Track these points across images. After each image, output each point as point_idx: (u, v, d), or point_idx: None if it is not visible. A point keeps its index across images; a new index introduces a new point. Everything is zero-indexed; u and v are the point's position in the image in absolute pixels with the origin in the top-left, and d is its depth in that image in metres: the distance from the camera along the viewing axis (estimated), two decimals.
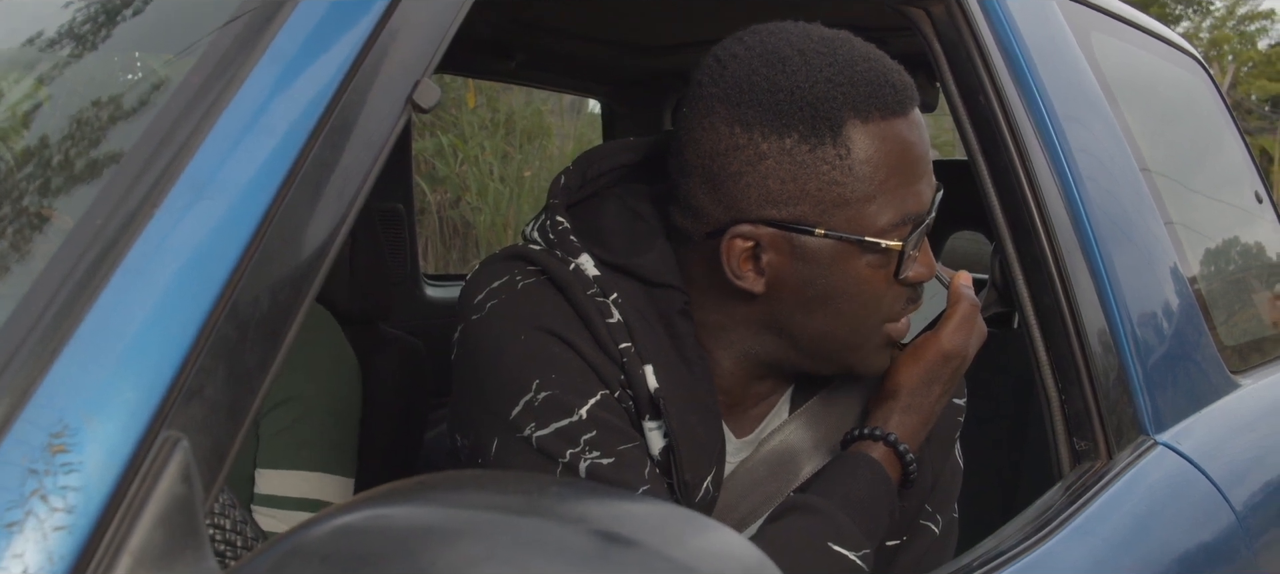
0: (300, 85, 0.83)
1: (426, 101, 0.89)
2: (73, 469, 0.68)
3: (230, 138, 0.80)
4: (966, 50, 1.50)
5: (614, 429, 1.13)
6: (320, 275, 0.81)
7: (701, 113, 1.13)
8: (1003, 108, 1.50)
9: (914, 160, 1.13)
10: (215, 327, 0.75)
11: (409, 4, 0.89)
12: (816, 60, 1.11)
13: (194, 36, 0.91)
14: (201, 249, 0.76)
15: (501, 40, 2.42)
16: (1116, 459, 1.46)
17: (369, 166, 0.85)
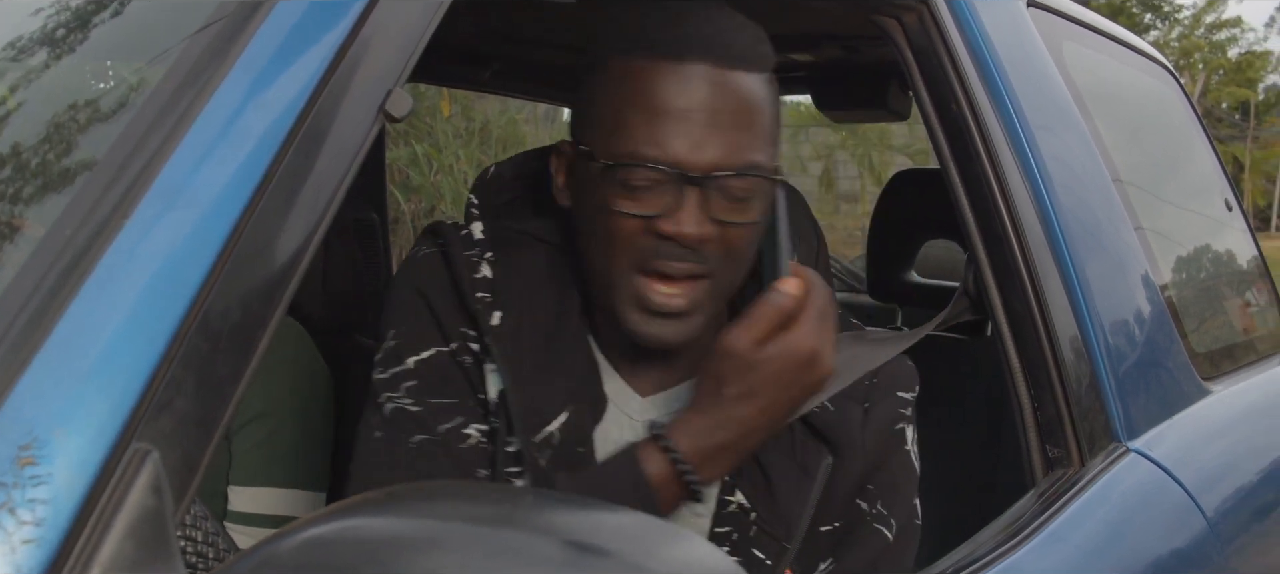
0: (272, 94, 0.83)
1: (399, 111, 0.88)
2: (41, 481, 0.67)
3: (202, 146, 0.79)
4: (938, 59, 1.51)
5: (435, 383, 1.22)
6: (293, 285, 0.81)
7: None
8: (975, 116, 1.50)
9: (660, 106, 1.12)
10: (186, 337, 0.74)
11: (382, 12, 0.89)
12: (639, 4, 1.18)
13: (166, 44, 0.90)
14: (173, 259, 0.76)
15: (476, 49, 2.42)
16: (1089, 466, 1.47)
17: (342, 175, 0.85)
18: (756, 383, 1.12)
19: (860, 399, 1.28)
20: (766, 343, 1.11)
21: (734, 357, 1.12)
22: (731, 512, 1.23)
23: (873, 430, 1.28)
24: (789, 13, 1.99)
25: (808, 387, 1.14)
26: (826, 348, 1.13)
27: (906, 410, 1.31)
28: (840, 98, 2.65)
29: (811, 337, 1.12)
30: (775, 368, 1.11)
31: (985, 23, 1.58)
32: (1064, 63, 1.81)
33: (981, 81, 1.53)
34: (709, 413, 1.14)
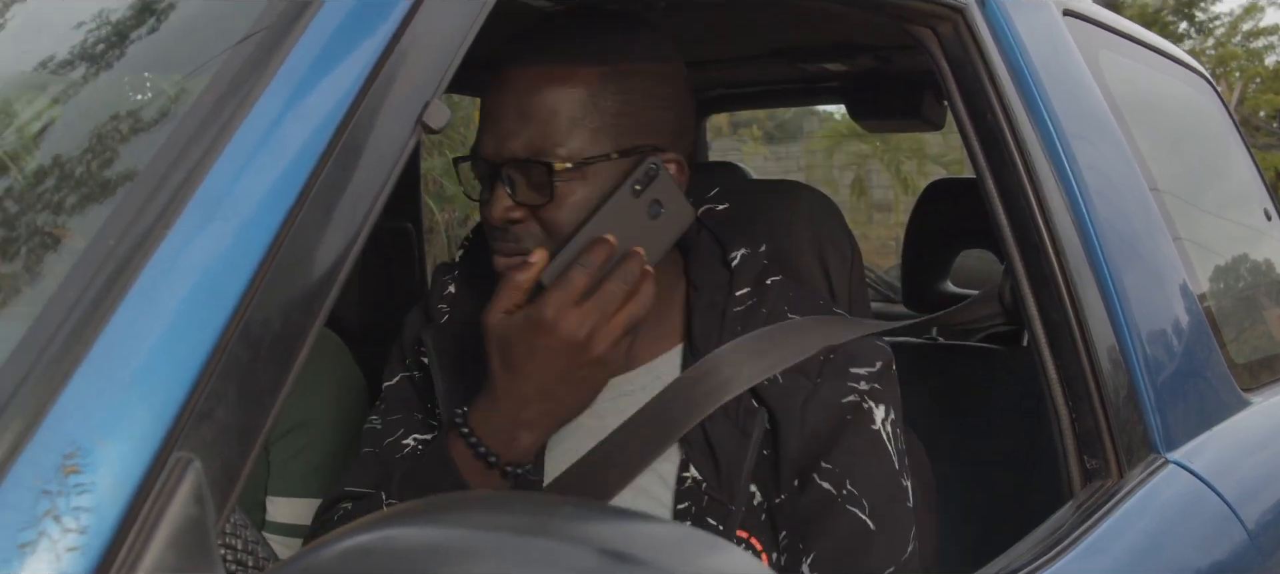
0: (312, 105, 0.83)
1: (437, 122, 0.89)
2: (85, 490, 0.68)
3: (242, 157, 0.80)
4: (974, 69, 1.50)
5: (393, 404, 1.41)
6: (332, 295, 0.81)
7: None
8: (1010, 126, 1.50)
9: (485, 107, 1.26)
10: (227, 347, 0.75)
11: (420, 26, 0.89)
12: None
13: (205, 56, 0.91)
14: (213, 269, 0.76)
15: None
16: (1127, 478, 1.45)
17: (380, 187, 0.85)
18: (514, 356, 1.19)
19: (811, 374, 1.30)
20: (513, 313, 1.19)
21: (486, 330, 1.21)
22: (688, 487, 1.27)
23: (817, 404, 1.29)
24: (823, 23, 1.99)
25: (576, 358, 1.19)
26: (585, 321, 1.18)
27: (862, 385, 1.30)
28: (874, 107, 2.65)
29: (558, 308, 1.18)
30: (527, 339, 1.18)
31: (1021, 32, 1.57)
32: (1100, 72, 1.80)
33: (1017, 91, 1.52)
34: (488, 392, 1.22)
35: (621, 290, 1.19)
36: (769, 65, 2.39)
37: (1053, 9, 1.75)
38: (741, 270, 1.36)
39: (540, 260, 1.21)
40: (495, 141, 1.24)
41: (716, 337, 1.31)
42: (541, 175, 1.22)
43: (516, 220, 1.24)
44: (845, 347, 1.32)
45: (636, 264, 1.21)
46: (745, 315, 1.33)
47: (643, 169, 1.24)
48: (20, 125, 1.18)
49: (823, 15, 1.88)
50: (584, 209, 1.23)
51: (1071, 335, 1.46)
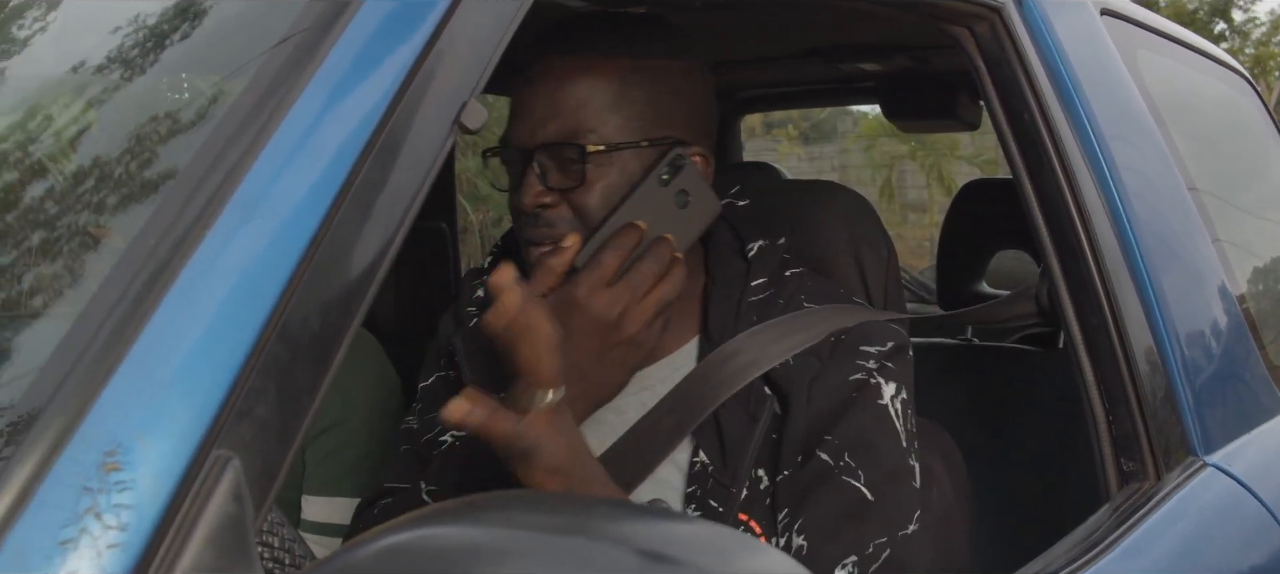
0: (349, 106, 0.84)
1: (473, 123, 0.89)
2: (126, 487, 0.69)
3: (281, 158, 0.80)
4: (1011, 68, 1.49)
5: (429, 403, 1.41)
6: (370, 295, 0.81)
7: None
8: (1048, 126, 1.49)
9: (517, 98, 1.31)
10: (266, 347, 0.75)
11: (456, 27, 0.90)
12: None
13: (244, 58, 0.92)
14: (252, 269, 0.77)
15: None
16: (1165, 480, 1.44)
17: (417, 187, 0.85)
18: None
19: (822, 355, 1.32)
20: (546, 296, 1.21)
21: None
22: (697, 471, 1.29)
23: (825, 382, 1.30)
24: (858, 23, 1.98)
25: (609, 337, 1.21)
26: (617, 302, 1.20)
27: (870, 364, 1.31)
28: (909, 107, 2.64)
29: (590, 288, 1.20)
30: (561, 322, 1.17)
31: (1058, 32, 1.56)
32: (1139, 71, 1.78)
33: (1055, 91, 1.51)
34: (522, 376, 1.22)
35: (653, 271, 1.23)
36: (804, 65, 2.39)
37: (1091, 8, 1.74)
38: (758, 261, 1.38)
39: (573, 244, 1.24)
40: (528, 129, 1.28)
41: (732, 326, 1.33)
42: (574, 157, 1.25)
43: (547, 205, 1.27)
44: (858, 328, 1.33)
45: (667, 248, 1.24)
46: (761, 305, 1.35)
47: (669, 159, 1.28)
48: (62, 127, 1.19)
49: (858, 15, 1.87)
50: (613, 195, 1.27)
51: (1109, 337, 1.45)
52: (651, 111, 1.29)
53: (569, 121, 1.26)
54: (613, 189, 1.27)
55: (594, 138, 1.26)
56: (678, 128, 1.31)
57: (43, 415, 0.70)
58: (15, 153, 1.17)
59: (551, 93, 1.27)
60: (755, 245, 1.39)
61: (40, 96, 1.26)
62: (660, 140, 1.29)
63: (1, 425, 0.73)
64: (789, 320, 1.32)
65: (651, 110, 1.29)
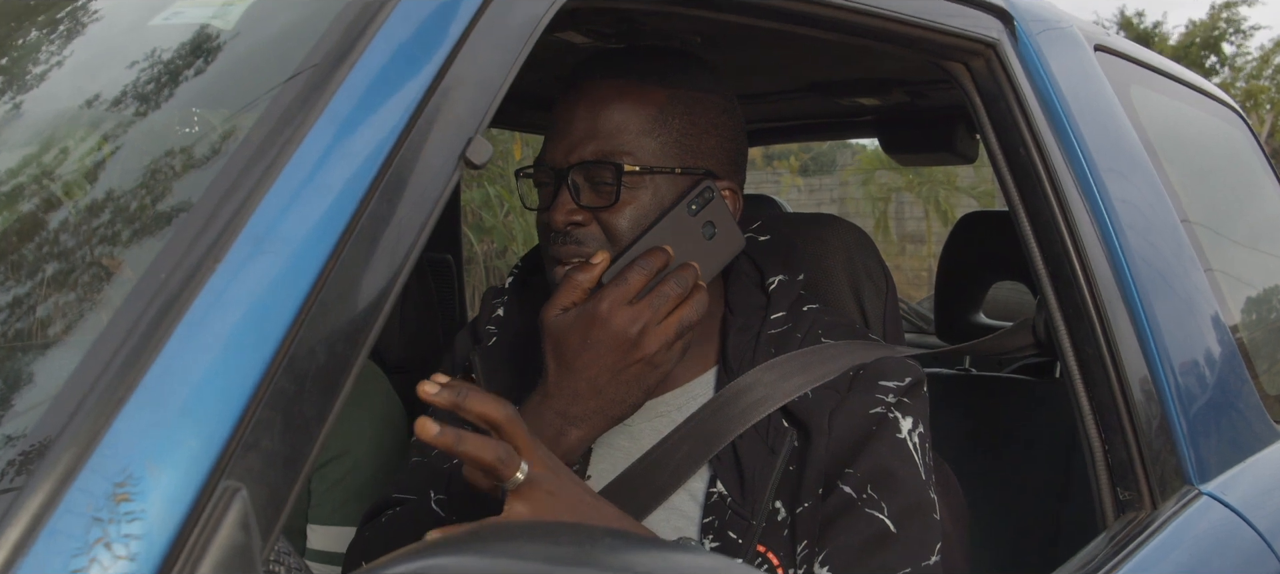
0: (357, 142, 0.84)
1: (479, 158, 0.89)
2: (135, 517, 0.68)
3: (290, 193, 0.80)
4: (1006, 104, 1.49)
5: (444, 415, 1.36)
6: (376, 328, 0.82)
7: None
8: (1043, 160, 1.49)
9: (556, 119, 1.33)
10: (274, 379, 0.75)
11: (462, 65, 0.90)
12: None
13: (254, 94, 0.92)
14: (261, 302, 0.77)
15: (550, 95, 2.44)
16: (1161, 509, 1.43)
17: (423, 222, 0.86)
18: (567, 350, 1.22)
19: (841, 389, 1.32)
20: (569, 310, 1.23)
21: (543, 325, 1.24)
22: (714, 501, 1.28)
23: (845, 414, 1.30)
24: (857, 58, 1.98)
25: (627, 354, 1.22)
26: (638, 319, 1.22)
27: (889, 397, 1.31)
28: (907, 141, 2.64)
29: (612, 303, 1.21)
30: (580, 333, 1.22)
31: (1053, 67, 1.57)
32: (1132, 106, 1.79)
33: (1050, 125, 1.52)
34: (540, 387, 1.24)
35: (675, 293, 1.24)
36: (805, 99, 2.39)
37: (1084, 44, 1.74)
38: (778, 295, 1.39)
39: (602, 261, 1.26)
40: (565, 148, 1.30)
41: (750, 358, 1.34)
42: (609, 177, 1.28)
43: (579, 223, 1.28)
44: (876, 363, 1.33)
45: (691, 273, 1.25)
46: (779, 338, 1.36)
47: (700, 189, 1.29)
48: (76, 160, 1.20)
49: (858, 51, 1.88)
50: (643, 218, 1.28)
51: (1104, 367, 1.45)
52: (687, 141, 1.31)
53: (607, 142, 1.28)
54: (643, 212, 1.28)
55: (630, 159, 1.28)
56: (710, 160, 1.33)
57: (55, 446, 0.70)
58: (31, 185, 1.17)
59: (591, 114, 1.30)
60: (776, 279, 1.41)
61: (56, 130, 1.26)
62: (693, 170, 1.31)
63: (14, 455, 0.72)
64: (806, 354, 1.33)
65: (687, 140, 1.31)
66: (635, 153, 1.28)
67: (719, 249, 1.30)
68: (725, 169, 1.34)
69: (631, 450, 1.31)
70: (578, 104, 1.31)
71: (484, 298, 1.49)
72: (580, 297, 1.24)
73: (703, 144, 1.32)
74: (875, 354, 1.34)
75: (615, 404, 1.24)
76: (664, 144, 1.30)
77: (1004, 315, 2.37)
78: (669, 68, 1.34)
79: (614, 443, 1.31)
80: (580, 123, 1.30)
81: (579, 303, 1.24)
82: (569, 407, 1.23)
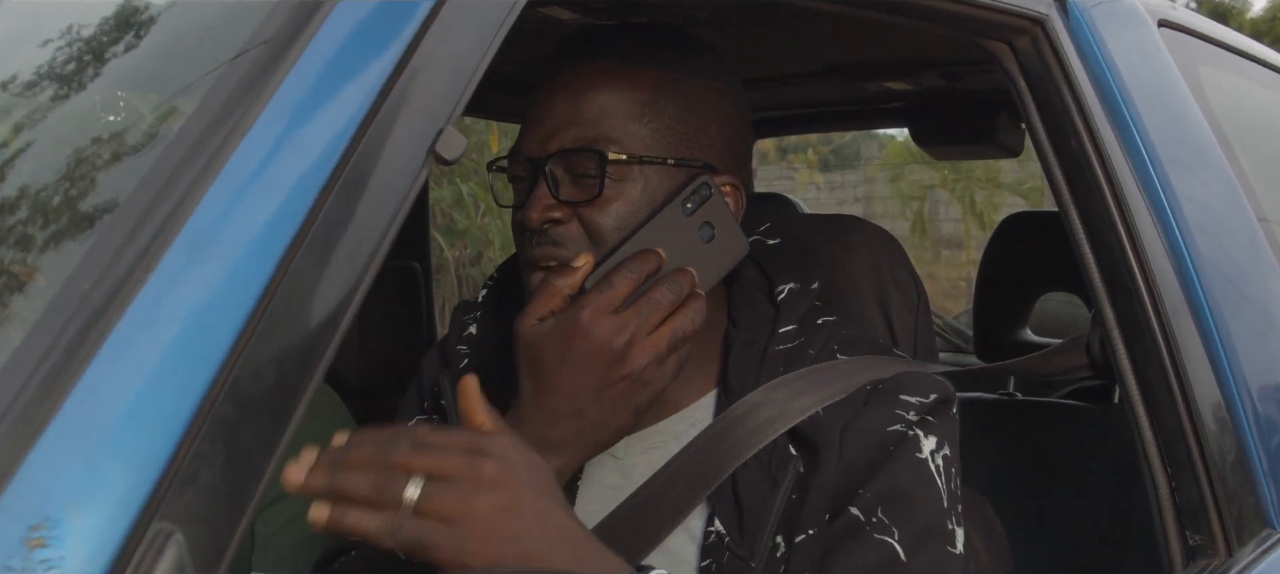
0: (311, 132, 0.84)
1: (450, 152, 0.90)
2: (53, 566, 0.68)
3: (233, 191, 0.81)
4: (1055, 87, 1.50)
5: None
6: (332, 347, 0.82)
7: None
8: (1097, 152, 1.49)
9: (534, 104, 1.33)
10: (215, 404, 0.75)
11: (432, 44, 0.90)
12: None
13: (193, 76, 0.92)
14: (201, 316, 0.77)
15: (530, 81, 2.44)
16: (1238, 556, 1.44)
17: (386, 225, 0.86)
18: (544, 366, 1.21)
19: (856, 404, 1.31)
20: (547, 320, 1.21)
21: (517, 338, 1.23)
22: (711, 543, 1.28)
23: (858, 432, 1.29)
24: (884, 37, 1.99)
25: (611, 370, 1.20)
26: (623, 329, 1.20)
27: (910, 414, 1.30)
28: (942, 131, 2.64)
29: (594, 311, 1.20)
30: (558, 346, 1.20)
31: (1109, 46, 1.57)
32: (1202, 89, 1.79)
33: (1105, 112, 1.52)
34: (514, 409, 1.23)
35: (667, 300, 1.22)
36: (823, 84, 2.40)
37: (1146, 19, 1.75)
38: (788, 306, 1.38)
39: (585, 265, 1.24)
40: (542, 136, 1.30)
41: (754, 378, 1.33)
42: (591, 167, 1.27)
43: (557, 220, 1.28)
44: (896, 377, 1.33)
45: (686, 278, 1.24)
46: (789, 355, 1.35)
47: (696, 185, 1.28)
48: None
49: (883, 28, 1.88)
50: (630, 216, 1.28)
51: (1170, 391, 1.45)
52: (681, 129, 1.31)
53: (590, 128, 1.28)
54: (631, 209, 1.28)
55: (616, 147, 1.28)
56: (708, 152, 1.32)
57: None
58: None
59: (573, 98, 1.29)
60: (785, 288, 1.40)
61: None
62: (688, 162, 1.30)
63: None
64: (818, 371, 1.33)
65: (681, 127, 1.31)
66: (622, 140, 1.28)
67: (718, 254, 1.29)
68: (726, 163, 1.34)
69: (623, 486, 1.30)
70: (558, 87, 1.31)
71: (454, 313, 1.49)
72: (559, 304, 1.23)
73: (700, 134, 1.32)
74: (895, 368, 1.34)
75: (599, 428, 1.23)
76: (656, 132, 1.30)
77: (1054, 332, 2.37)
78: (664, 47, 1.34)
79: (603, 479, 1.30)
80: (560, 107, 1.30)
81: (558, 311, 1.23)
82: (546, 430, 1.22)
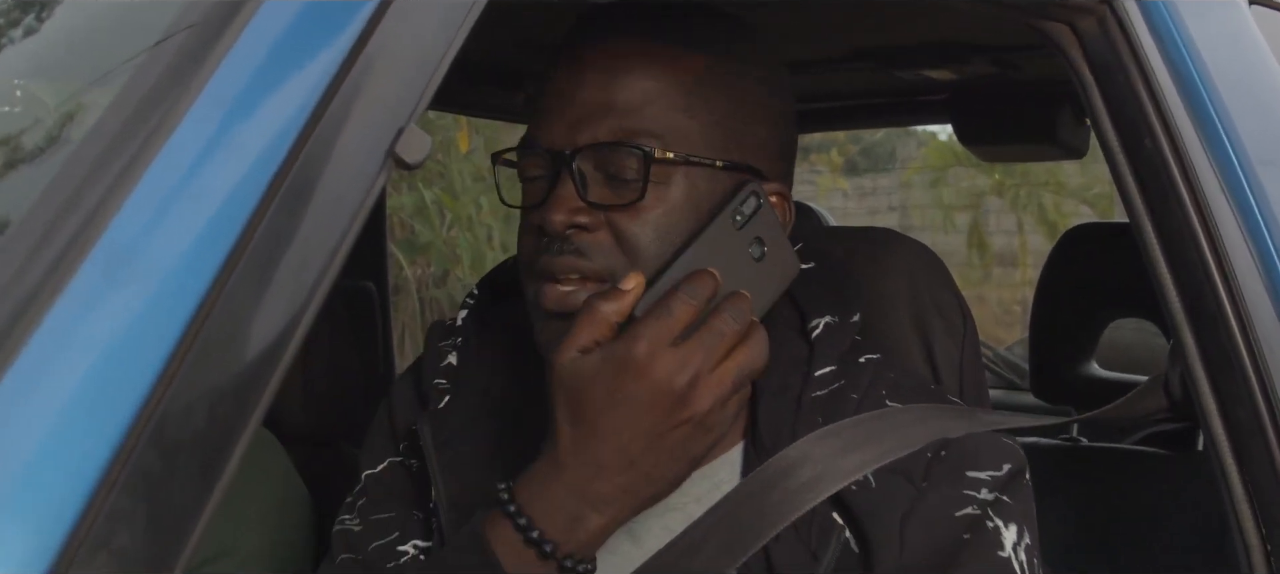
0: (249, 132, 0.84)
1: (413, 155, 0.89)
2: None
3: (157, 200, 0.81)
4: (1126, 77, 1.50)
5: (380, 497, 1.43)
6: (272, 385, 0.82)
7: None
8: (1176, 152, 1.49)
9: (553, 89, 1.33)
10: (134, 453, 0.75)
11: (393, 25, 0.90)
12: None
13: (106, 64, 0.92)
14: (116, 349, 0.77)
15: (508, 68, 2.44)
16: None
17: (337, 241, 0.86)
18: (588, 407, 1.19)
19: (915, 477, 1.30)
20: (591, 352, 1.20)
21: (555, 374, 1.20)
22: None
23: (922, 522, 1.28)
24: (923, 18, 1.99)
25: (672, 414, 1.19)
26: (687, 364, 1.19)
27: (983, 493, 1.30)
28: (992, 128, 2.65)
29: (653, 344, 1.18)
30: (607, 385, 1.18)
31: (1191, 27, 1.57)
32: None
33: (1186, 105, 1.52)
34: (549, 457, 1.21)
35: (732, 330, 1.21)
36: (852, 72, 2.40)
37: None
38: (824, 343, 1.38)
39: (636, 286, 1.22)
40: (568, 125, 1.30)
41: (789, 430, 1.32)
42: (632, 166, 1.27)
43: (584, 226, 1.28)
44: (960, 442, 1.32)
45: (746, 304, 1.23)
46: (828, 402, 1.34)
47: (745, 194, 1.28)
48: None
49: (922, 7, 1.89)
50: (672, 227, 1.28)
51: (1263, 435, 1.45)
52: (730, 125, 1.32)
53: (630, 119, 1.28)
54: (673, 218, 1.28)
55: (661, 144, 1.28)
56: (757, 154, 1.33)
57: None
58: None
59: (607, 81, 1.29)
60: (821, 322, 1.39)
61: None
62: (735, 166, 1.31)
63: None
64: (868, 422, 1.29)
65: (730, 124, 1.32)
66: (666, 136, 1.28)
67: (769, 275, 1.29)
68: (774, 168, 1.35)
69: (634, 555, 1.28)
70: (586, 68, 1.31)
71: (429, 337, 1.48)
72: (606, 333, 1.21)
73: (749, 132, 1.33)
74: (961, 425, 1.32)
75: (651, 481, 1.21)
76: (704, 127, 1.30)
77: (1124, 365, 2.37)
78: (706, 27, 1.34)
79: (611, 546, 1.27)
80: (591, 92, 1.30)
81: (604, 341, 1.21)
82: (590, 483, 1.20)
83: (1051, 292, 2.37)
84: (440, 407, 1.41)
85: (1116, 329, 2.40)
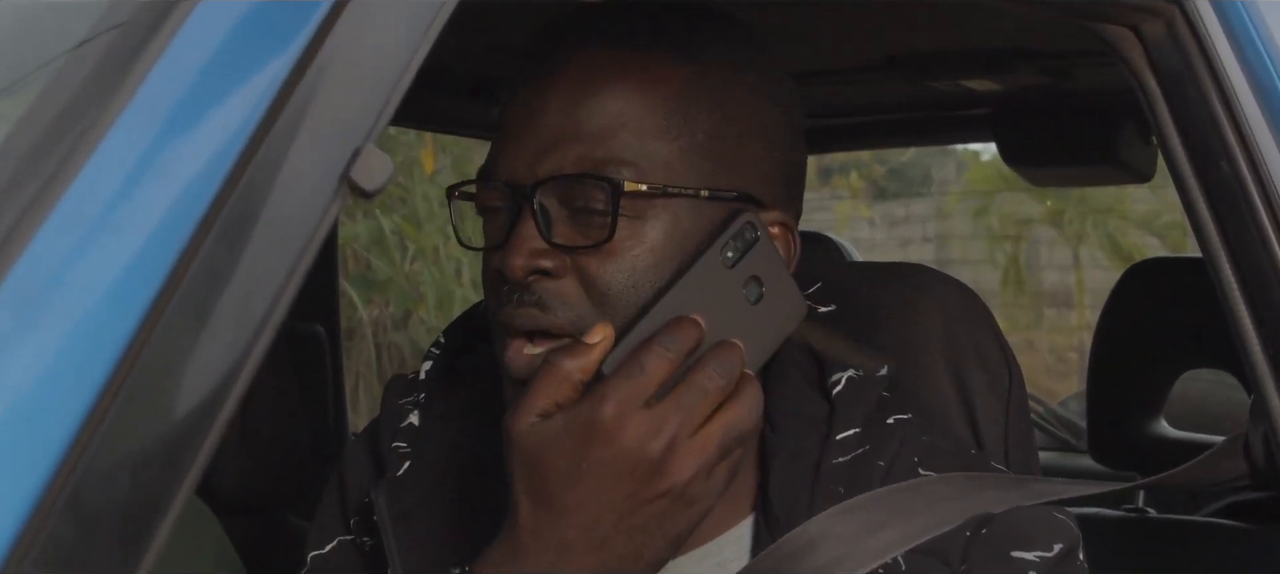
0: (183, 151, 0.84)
1: (371, 181, 0.90)
2: None
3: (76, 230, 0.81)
4: (1198, 87, 1.50)
5: None
6: (207, 446, 0.82)
7: None
8: (1256, 177, 1.50)
9: (514, 111, 1.33)
10: (47, 524, 0.75)
11: (349, 28, 0.90)
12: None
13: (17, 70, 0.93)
14: (28, 402, 0.77)
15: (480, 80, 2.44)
16: None
17: (283, 279, 0.86)
18: (550, 481, 1.18)
19: (952, 559, 1.30)
20: (551, 416, 1.19)
21: (510, 442, 1.20)
22: None
23: None
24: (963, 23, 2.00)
25: (646, 486, 1.18)
26: (662, 428, 1.17)
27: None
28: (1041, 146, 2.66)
29: (622, 406, 1.17)
30: (571, 454, 1.17)
31: (1274, 30, 1.58)
32: None
33: (1268, 121, 1.53)
34: (508, 537, 1.20)
35: (716, 386, 1.20)
36: (881, 82, 2.41)
37: None
38: (847, 402, 1.37)
39: (603, 340, 1.22)
40: (530, 155, 1.29)
41: (806, 502, 1.32)
42: (599, 200, 1.26)
43: (547, 271, 1.27)
44: (1004, 517, 1.31)
45: (736, 355, 1.22)
46: (851, 470, 1.34)
47: (737, 227, 1.27)
48: None
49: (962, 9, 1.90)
50: (649, 269, 1.27)
51: None
52: (718, 147, 1.30)
53: (597, 147, 1.27)
54: (651, 259, 1.27)
55: (633, 173, 1.26)
56: (752, 178, 1.31)
57: None
58: None
59: (572, 103, 1.28)
60: (843, 376, 1.39)
61: None
62: (724, 194, 1.29)
63: None
64: (898, 494, 1.31)
65: (718, 145, 1.30)
66: (641, 163, 1.27)
67: (768, 320, 1.28)
68: (774, 194, 1.33)
69: None
70: (551, 86, 1.30)
71: (386, 394, 1.48)
72: (568, 394, 1.20)
73: (742, 153, 1.31)
74: (1004, 498, 1.33)
75: (626, 562, 1.19)
76: (686, 150, 1.29)
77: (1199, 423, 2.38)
78: (692, 30, 1.33)
79: None
80: (554, 115, 1.29)
81: (567, 404, 1.20)
82: (555, 566, 1.19)
83: (1113, 337, 2.38)
84: (399, 474, 1.41)
85: (1189, 381, 2.40)
